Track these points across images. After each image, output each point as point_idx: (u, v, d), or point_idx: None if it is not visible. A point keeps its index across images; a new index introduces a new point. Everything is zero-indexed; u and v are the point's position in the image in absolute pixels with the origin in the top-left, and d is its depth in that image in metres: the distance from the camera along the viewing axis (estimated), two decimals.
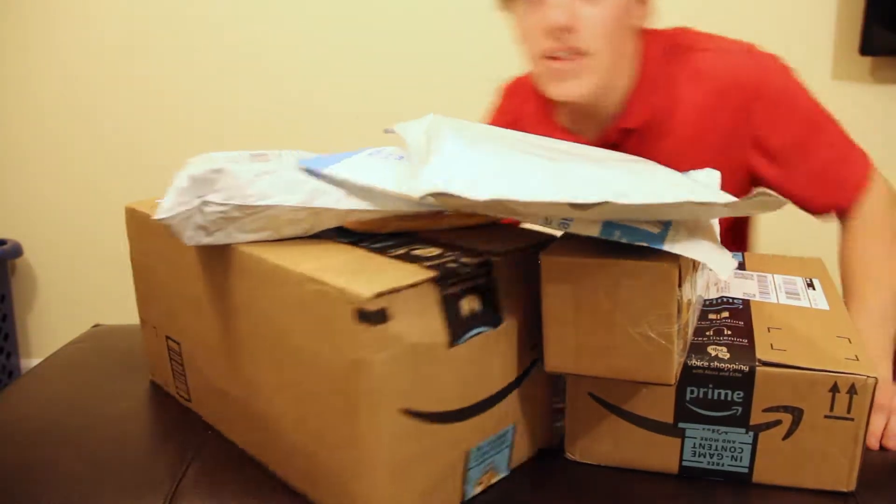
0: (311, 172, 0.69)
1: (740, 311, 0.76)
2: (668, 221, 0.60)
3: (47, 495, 0.70)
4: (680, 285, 0.60)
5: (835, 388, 0.64)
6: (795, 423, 0.66)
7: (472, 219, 0.74)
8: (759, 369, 0.65)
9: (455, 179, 0.57)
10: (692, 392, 0.68)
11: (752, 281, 0.85)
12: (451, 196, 0.56)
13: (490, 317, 0.65)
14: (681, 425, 0.69)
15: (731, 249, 0.71)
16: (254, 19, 1.74)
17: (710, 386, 0.67)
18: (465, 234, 0.72)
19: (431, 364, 0.61)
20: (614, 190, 0.56)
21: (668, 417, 0.69)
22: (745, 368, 0.66)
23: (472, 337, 0.63)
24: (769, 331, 0.72)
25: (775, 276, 0.87)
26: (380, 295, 0.56)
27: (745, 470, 0.69)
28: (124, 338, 1.07)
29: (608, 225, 0.59)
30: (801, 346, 0.68)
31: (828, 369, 0.64)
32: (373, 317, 0.56)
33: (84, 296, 1.95)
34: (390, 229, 0.72)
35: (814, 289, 0.83)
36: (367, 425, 0.59)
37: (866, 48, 1.56)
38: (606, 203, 0.53)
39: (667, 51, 0.89)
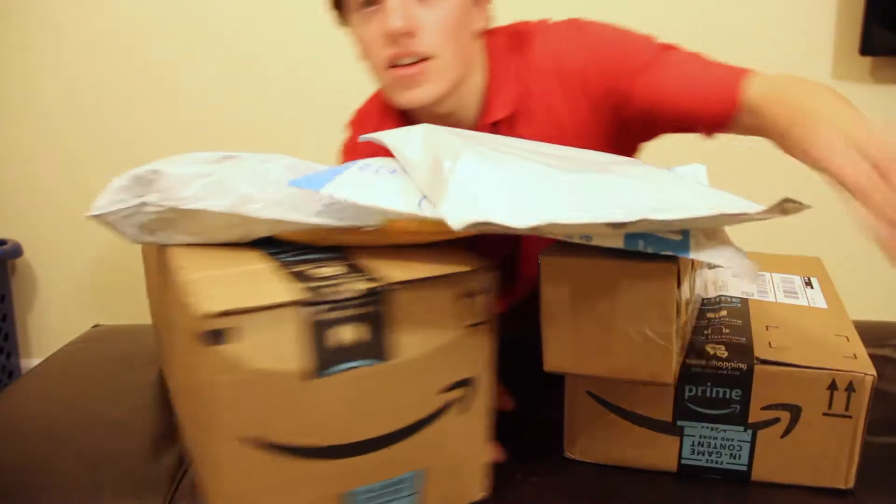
0: (307, 190, 0.67)
1: (738, 310, 0.77)
2: (686, 229, 0.60)
3: (47, 495, 0.70)
4: (678, 285, 0.60)
5: (833, 386, 0.64)
6: (794, 420, 0.66)
7: (417, 236, 0.67)
8: (758, 367, 0.66)
9: (492, 207, 0.55)
10: (691, 390, 0.68)
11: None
12: (492, 225, 0.53)
13: (375, 349, 0.58)
14: (679, 423, 0.69)
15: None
16: (255, 20, 1.74)
17: (709, 384, 0.67)
18: (391, 254, 0.65)
19: (292, 394, 0.55)
20: (648, 206, 0.55)
21: (667, 416, 0.69)
22: (744, 367, 0.66)
23: (346, 369, 0.57)
24: (767, 329, 0.72)
25: (773, 274, 0.87)
26: (221, 314, 0.51)
27: (744, 468, 0.69)
28: (124, 338, 1.07)
29: (631, 237, 0.58)
30: (799, 345, 0.68)
31: (826, 367, 0.64)
32: (212, 337, 0.52)
33: (84, 296, 1.95)
34: (328, 242, 0.67)
35: (812, 287, 0.84)
36: (209, 450, 0.55)
37: (866, 48, 1.56)
38: (643, 220, 0.52)
39: (508, 45, 0.89)
